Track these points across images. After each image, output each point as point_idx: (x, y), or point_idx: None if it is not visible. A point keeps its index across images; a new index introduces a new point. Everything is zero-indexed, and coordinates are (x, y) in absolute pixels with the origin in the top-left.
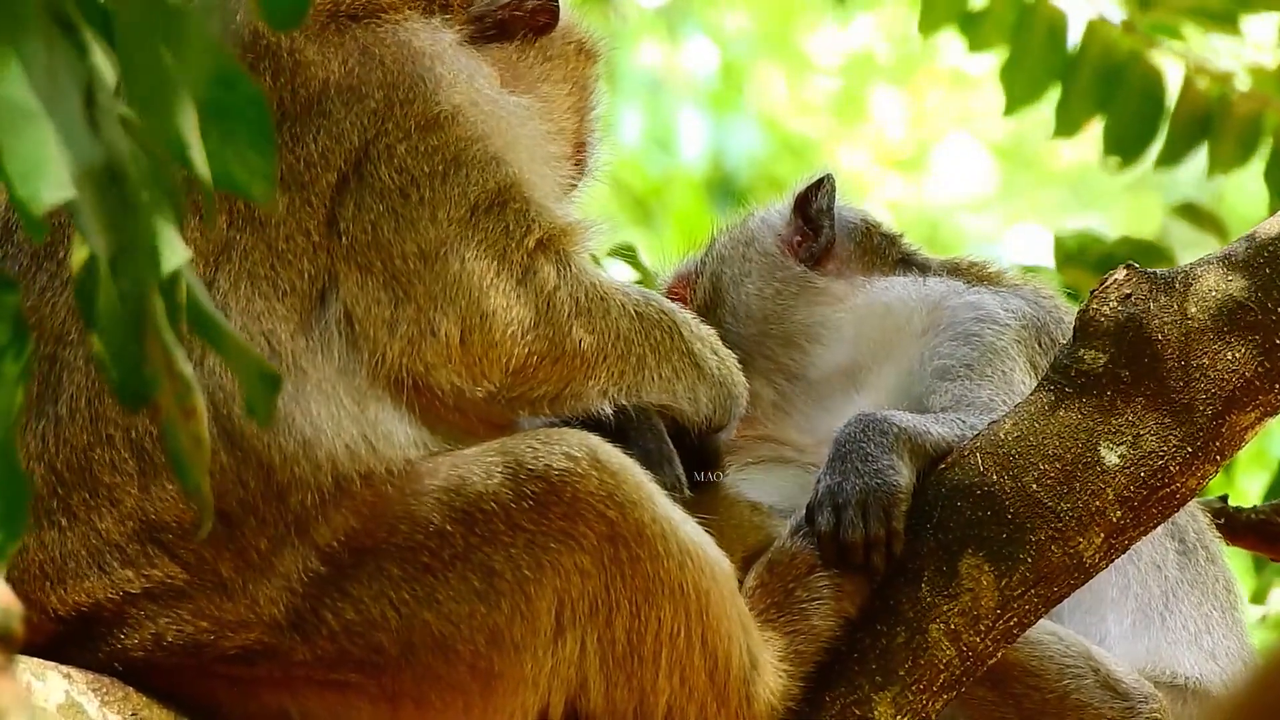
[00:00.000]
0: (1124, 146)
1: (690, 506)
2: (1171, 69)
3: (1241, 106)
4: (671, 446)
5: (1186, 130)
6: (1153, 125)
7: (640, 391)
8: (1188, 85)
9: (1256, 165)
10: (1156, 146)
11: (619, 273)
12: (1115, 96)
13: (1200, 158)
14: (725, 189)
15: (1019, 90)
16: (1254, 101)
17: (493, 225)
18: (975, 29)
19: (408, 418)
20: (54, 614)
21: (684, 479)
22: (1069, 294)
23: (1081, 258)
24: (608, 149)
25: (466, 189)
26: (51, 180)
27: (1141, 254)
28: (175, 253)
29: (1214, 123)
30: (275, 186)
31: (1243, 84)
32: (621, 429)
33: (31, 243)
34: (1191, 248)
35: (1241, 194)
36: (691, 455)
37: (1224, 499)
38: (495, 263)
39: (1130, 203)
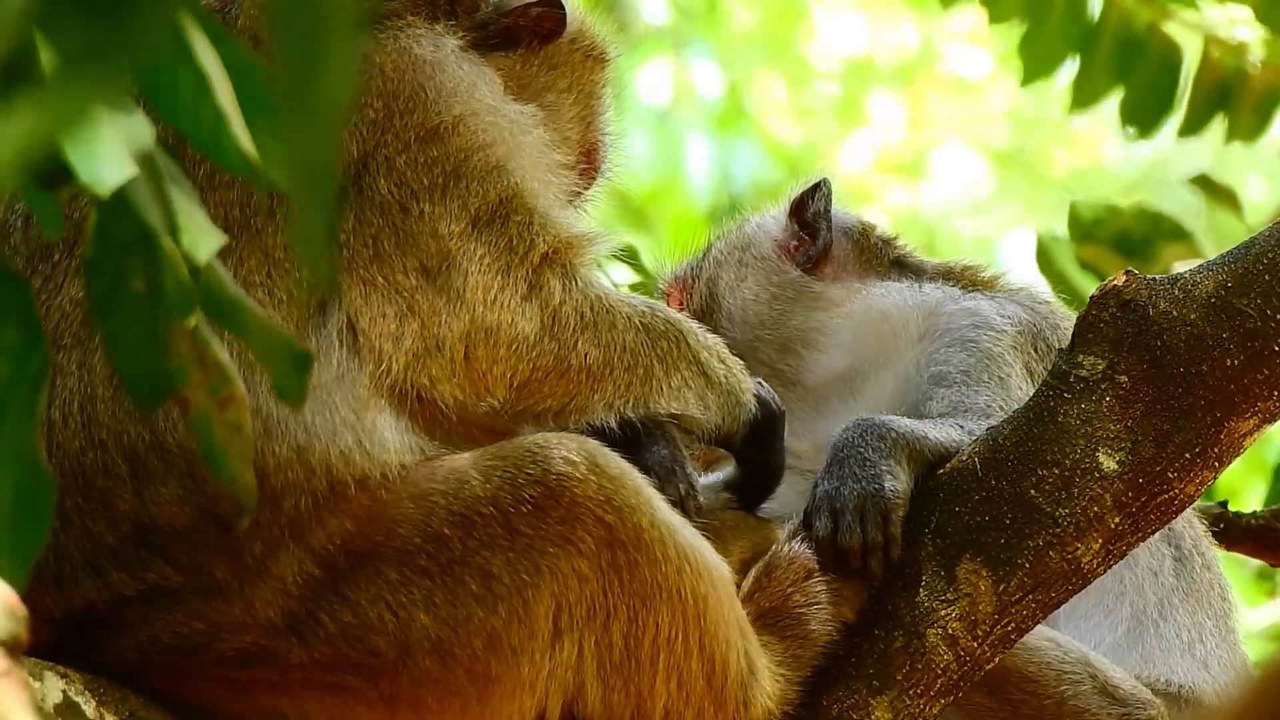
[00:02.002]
0: (1141, 118)
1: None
2: (1189, 41)
3: (1258, 78)
4: (685, 455)
5: (1204, 101)
6: (1170, 97)
7: (648, 402)
8: (1205, 56)
9: (1259, 161)
10: (1174, 118)
11: (619, 276)
12: (1133, 68)
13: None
14: (729, 210)
15: (1037, 62)
16: (1270, 73)
17: (496, 239)
18: (995, 1)
19: (407, 426)
20: (49, 616)
21: (696, 487)
22: (1085, 268)
23: (1097, 232)
24: (619, 153)
25: (467, 201)
26: (112, 161)
27: (1158, 226)
28: (211, 238)
29: (1231, 94)
30: (289, 172)
31: (1255, 55)
32: (635, 438)
33: (28, 245)
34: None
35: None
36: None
37: (1224, 504)
38: (500, 277)
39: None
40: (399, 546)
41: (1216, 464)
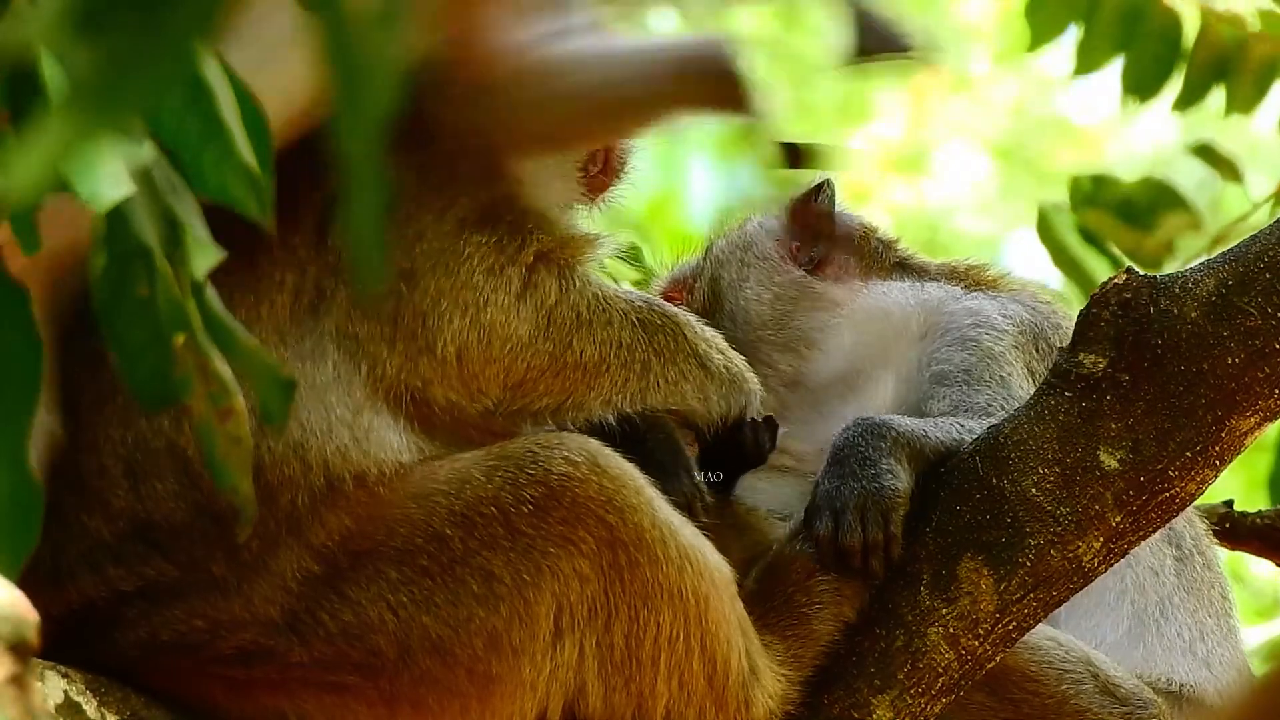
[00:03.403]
0: (1142, 87)
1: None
2: (1189, 11)
3: (1257, 49)
4: (689, 457)
5: (1203, 72)
6: (1169, 66)
7: (646, 397)
8: (1205, 28)
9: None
10: (1174, 88)
11: (621, 270)
12: (1134, 37)
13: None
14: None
15: (1042, 28)
16: (1269, 44)
17: (485, 238)
18: None
19: (405, 425)
20: (48, 613)
21: (703, 489)
22: (1085, 236)
23: (1098, 199)
24: (639, 153)
25: (456, 203)
26: (110, 177)
27: (1160, 196)
28: (210, 253)
29: (1231, 65)
30: (271, 205)
31: (1252, 25)
32: (640, 441)
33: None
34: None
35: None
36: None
37: (1229, 503)
38: (490, 277)
39: None
40: (400, 546)
41: (1218, 462)
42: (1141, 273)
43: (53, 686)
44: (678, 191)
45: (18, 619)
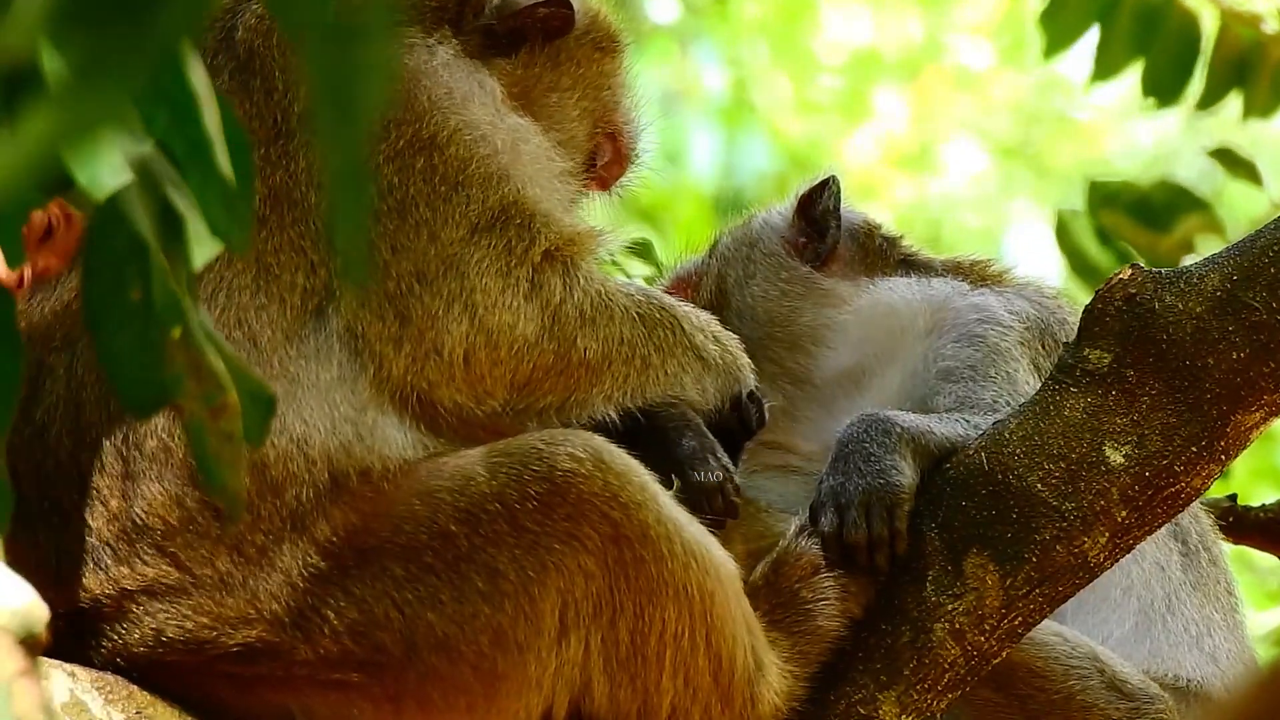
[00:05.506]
0: (1161, 89)
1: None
2: (1207, 14)
3: (1276, 51)
4: (713, 440)
5: (1222, 75)
6: (1189, 69)
7: (645, 391)
8: (1224, 30)
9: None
10: (1194, 91)
11: (634, 270)
12: (1153, 40)
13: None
14: (734, 203)
15: (1058, 35)
16: None
17: (494, 242)
18: None
19: (410, 424)
20: (55, 611)
21: (732, 470)
22: (1103, 238)
23: (1116, 201)
24: (649, 137)
25: (467, 209)
26: (110, 166)
27: (1177, 198)
28: (208, 245)
29: (1249, 68)
30: (250, 234)
31: (1270, 27)
32: (662, 431)
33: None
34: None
35: (1241, 190)
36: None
37: (1232, 498)
38: (499, 280)
39: None
40: (405, 543)
41: (1223, 457)
42: (1146, 268)
43: (58, 685)
44: (685, 180)
45: (28, 615)
